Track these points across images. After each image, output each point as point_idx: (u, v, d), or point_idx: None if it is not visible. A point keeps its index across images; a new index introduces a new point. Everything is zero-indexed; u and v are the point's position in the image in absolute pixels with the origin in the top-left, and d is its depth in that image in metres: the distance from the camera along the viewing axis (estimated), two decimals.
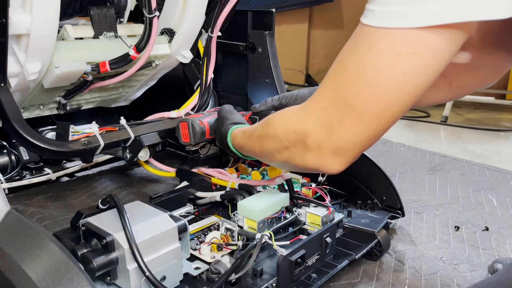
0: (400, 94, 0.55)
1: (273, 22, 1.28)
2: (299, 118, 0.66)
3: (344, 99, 0.58)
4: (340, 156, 0.62)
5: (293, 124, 0.66)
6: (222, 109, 1.06)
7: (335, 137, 0.61)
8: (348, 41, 0.59)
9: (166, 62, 1.26)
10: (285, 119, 0.70)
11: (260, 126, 0.78)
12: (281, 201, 0.97)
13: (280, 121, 0.71)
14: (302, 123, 0.64)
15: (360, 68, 0.56)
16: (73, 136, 1.03)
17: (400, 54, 0.53)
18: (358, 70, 0.56)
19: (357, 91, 0.57)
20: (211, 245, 0.87)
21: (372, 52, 0.54)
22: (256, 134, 0.80)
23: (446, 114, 2.45)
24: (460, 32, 0.52)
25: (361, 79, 0.56)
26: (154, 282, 0.70)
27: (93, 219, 0.75)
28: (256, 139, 0.79)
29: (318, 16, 3.39)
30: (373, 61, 0.55)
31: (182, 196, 1.05)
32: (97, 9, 1.11)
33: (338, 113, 0.59)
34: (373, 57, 0.54)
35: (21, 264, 0.64)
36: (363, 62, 0.55)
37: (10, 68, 0.95)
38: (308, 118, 0.64)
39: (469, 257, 1.04)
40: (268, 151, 0.74)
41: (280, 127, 0.70)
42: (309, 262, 0.83)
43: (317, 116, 0.62)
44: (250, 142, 0.83)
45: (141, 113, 1.32)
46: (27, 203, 1.16)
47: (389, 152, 1.83)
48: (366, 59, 0.55)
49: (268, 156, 0.77)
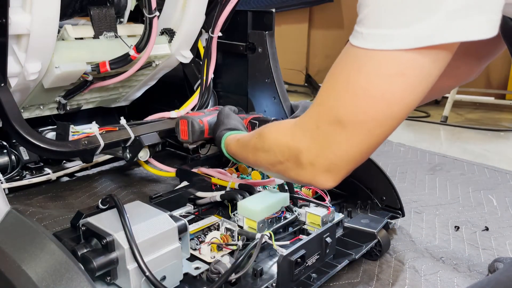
0: (390, 112, 0.56)
1: (273, 22, 1.28)
2: (293, 134, 0.66)
3: (335, 117, 0.59)
4: (333, 172, 0.63)
5: (287, 140, 0.67)
6: (221, 112, 1.06)
7: (328, 154, 0.61)
8: (338, 59, 0.60)
9: (166, 62, 1.26)
10: (280, 134, 0.71)
11: (254, 138, 0.78)
12: (281, 201, 0.97)
13: (275, 135, 0.72)
14: (295, 139, 0.65)
15: (350, 87, 0.57)
16: (73, 136, 1.03)
17: (388, 75, 0.54)
18: (348, 89, 0.57)
19: (348, 110, 0.58)
20: (211, 245, 0.87)
21: (361, 72, 0.55)
22: (250, 145, 0.80)
23: (446, 114, 2.45)
24: (446, 52, 0.54)
25: (351, 98, 0.57)
26: (154, 282, 0.70)
27: (93, 219, 0.75)
28: (250, 150, 0.80)
29: (318, 16, 3.39)
30: (362, 81, 0.56)
31: (182, 196, 1.05)
32: (97, 9, 1.11)
33: (330, 131, 0.60)
34: (362, 77, 0.55)
35: (21, 264, 0.64)
36: (353, 82, 0.56)
37: (10, 68, 0.95)
38: (301, 135, 0.64)
39: (469, 257, 1.04)
40: (262, 163, 0.75)
41: (274, 142, 0.71)
42: (309, 262, 0.83)
43: (310, 133, 0.63)
44: (244, 151, 0.84)
45: (141, 113, 1.32)
46: (27, 203, 1.16)
47: (389, 152, 1.83)
48: (356, 79, 0.56)
49: (261, 167, 0.78)
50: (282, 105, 1.27)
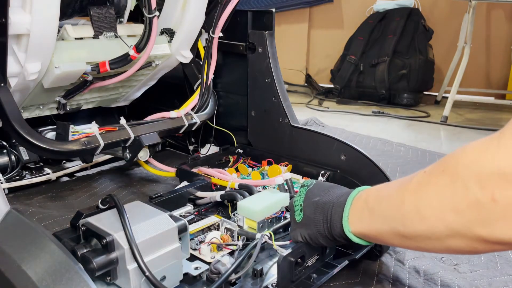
0: None
1: (273, 22, 1.28)
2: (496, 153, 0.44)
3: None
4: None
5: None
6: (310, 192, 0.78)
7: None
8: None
9: (166, 62, 1.26)
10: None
11: (423, 172, 0.56)
12: (281, 201, 0.97)
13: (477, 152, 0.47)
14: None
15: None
16: (73, 136, 1.03)
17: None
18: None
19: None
20: (211, 245, 0.87)
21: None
22: (412, 182, 0.56)
23: (446, 114, 2.45)
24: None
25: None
26: (154, 282, 0.69)
27: (93, 219, 0.75)
28: (412, 189, 0.55)
29: (318, 16, 3.39)
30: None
31: (182, 196, 1.05)
32: (97, 9, 1.11)
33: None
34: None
35: (21, 264, 0.64)
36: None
37: (10, 68, 0.95)
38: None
39: (469, 257, 1.04)
40: (442, 205, 0.49)
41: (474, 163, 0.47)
42: (309, 262, 0.83)
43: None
44: (396, 199, 0.57)
45: (141, 113, 1.32)
46: (27, 203, 1.16)
47: (389, 152, 1.83)
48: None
49: (436, 217, 0.50)
50: (282, 105, 1.27)
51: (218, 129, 1.42)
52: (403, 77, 2.83)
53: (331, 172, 1.14)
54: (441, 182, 0.50)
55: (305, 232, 0.77)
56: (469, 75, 2.77)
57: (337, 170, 1.13)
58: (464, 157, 0.47)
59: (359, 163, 1.09)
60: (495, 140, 0.45)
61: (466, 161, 0.47)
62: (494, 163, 0.44)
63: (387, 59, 2.86)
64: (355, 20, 3.12)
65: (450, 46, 2.92)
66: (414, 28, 2.90)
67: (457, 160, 0.48)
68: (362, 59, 2.97)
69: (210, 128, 1.42)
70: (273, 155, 1.28)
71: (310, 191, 0.79)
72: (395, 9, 3.00)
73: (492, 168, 0.44)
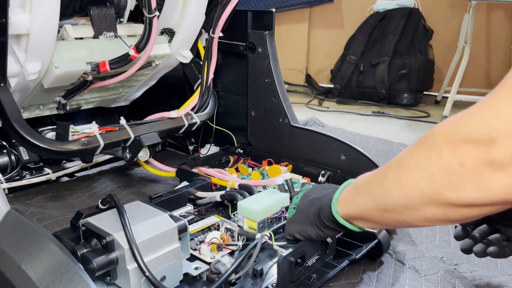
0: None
1: (273, 22, 1.28)
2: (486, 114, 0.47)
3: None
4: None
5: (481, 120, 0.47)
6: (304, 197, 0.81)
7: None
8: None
9: (166, 62, 1.26)
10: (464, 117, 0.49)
11: (405, 151, 0.56)
12: (281, 201, 0.97)
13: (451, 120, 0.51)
14: (491, 125, 0.46)
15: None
16: (73, 136, 1.03)
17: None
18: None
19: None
20: (211, 245, 0.87)
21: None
22: (393, 161, 0.58)
23: (446, 114, 2.45)
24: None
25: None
26: (154, 282, 0.69)
27: (93, 219, 0.75)
28: (393, 168, 0.57)
29: (318, 16, 3.39)
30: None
31: (182, 196, 1.05)
32: (97, 9, 1.11)
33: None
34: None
35: (21, 264, 0.64)
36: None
37: (10, 68, 0.95)
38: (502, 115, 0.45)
39: (469, 257, 1.04)
40: (422, 177, 0.52)
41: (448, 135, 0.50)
42: (309, 262, 0.83)
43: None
44: (376, 180, 0.60)
45: (141, 113, 1.32)
46: (27, 203, 1.16)
47: (389, 152, 1.82)
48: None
49: (417, 191, 0.53)
50: (282, 105, 1.27)
51: (218, 129, 1.42)
52: (403, 77, 2.83)
53: (331, 172, 1.14)
54: (420, 152, 0.53)
55: (294, 227, 0.80)
56: (469, 75, 2.77)
57: (337, 170, 1.13)
58: (440, 128, 0.52)
59: (359, 163, 1.09)
60: (467, 112, 0.49)
61: (442, 130, 0.51)
62: (464, 130, 0.48)
63: (387, 59, 2.86)
64: (355, 20, 3.11)
65: (450, 46, 2.92)
66: (414, 28, 2.90)
67: (434, 131, 0.52)
68: (362, 59, 2.97)
69: (210, 128, 1.42)
70: (273, 155, 1.28)
71: (307, 192, 0.82)
72: (395, 9, 3.00)
73: (462, 135, 0.48)
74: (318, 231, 0.76)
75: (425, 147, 0.52)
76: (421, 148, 0.53)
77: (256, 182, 1.10)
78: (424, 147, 0.53)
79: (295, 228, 0.79)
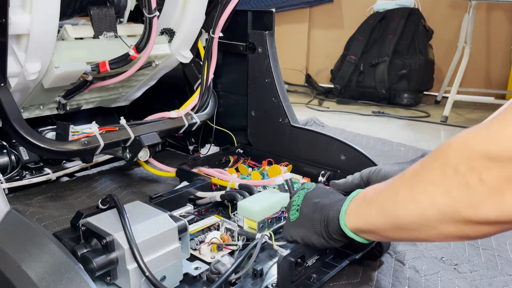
0: None
1: (273, 22, 1.28)
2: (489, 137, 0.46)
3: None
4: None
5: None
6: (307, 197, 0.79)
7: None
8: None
9: (166, 62, 1.26)
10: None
11: (417, 163, 0.55)
12: (281, 201, 0.97)
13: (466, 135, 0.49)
14: (508, 139, 0.45)
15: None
16: (73, 136, 1.03)
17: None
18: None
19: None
20: (211, 245, 0.87)
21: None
22: (406, 174, 0.56)
23: (446, 114, 2.45)
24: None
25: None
26: (154, 282, 0.69)
27: (93, 219, 0.75)
28: (406, 182, 0.55)
29: (318, 16, 3.39)
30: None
31: (182, 196, 1.05)
32: (97, 9, 1.11)
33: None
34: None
35: (21, 264, 0.64)
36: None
37: (10, 68, 0.95)
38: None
39: (469, 257, 1.04)
40: (438, 191, 0.50)
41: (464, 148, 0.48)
42: (309, 262, 0.83)
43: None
44: (388, 195, 0.58)
45: (141, 113, 1.32)
46: (27, 203, 1.16)
47: (389, 152, 1.82)
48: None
49: (435, 202, 0.51)
50: (282, 105, 1.27)
51: (218, 129, 1.42)
52: (403, 77, 2.83)
53: (331, 172, 1.14)
54: (435, 167, 0.51)
55: (297, 232, 0.78)
56: (469, 75, 2.77)
57: (337, 170, 1.13)
58: (455, 142, 0.49)
59: (359, 163, 1.09)
60: (485, 126, 0.47)
61: (458, 145, 0.49)
62: (482, 146, 0.46)
63: (387, 59, 2.86)
64: (355, 20, 3.11)
65: (450, 46, 2.92)
66: (414, 28, 2.90)
67: (449, 145, 0.50)
68: (362, 59, 2.97)
69: (210, 128, 1.42)
70: (273, 155, 1.28)
71: (310, 193, 0.79)
72: (395, 9, 3.00)
73: (480, 151, 0.46)
74: (323, 242, 0.74)
75: (440, 162, 0.51)
76: (434, 163, 0.52)
77: (256, 182, 1.10)
78: (438, 162, 0.51)
79: (299, 233, 0.77)
